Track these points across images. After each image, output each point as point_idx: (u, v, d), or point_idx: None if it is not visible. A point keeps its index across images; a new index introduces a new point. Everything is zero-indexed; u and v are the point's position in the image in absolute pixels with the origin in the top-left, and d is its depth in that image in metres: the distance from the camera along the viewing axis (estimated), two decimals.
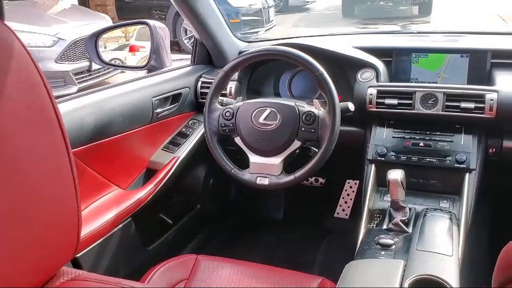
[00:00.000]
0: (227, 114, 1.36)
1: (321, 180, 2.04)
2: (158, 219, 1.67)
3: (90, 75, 4.85)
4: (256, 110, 1.33)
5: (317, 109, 1.31)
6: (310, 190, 2.08)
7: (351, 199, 2.09)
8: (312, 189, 2.07)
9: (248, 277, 1.20)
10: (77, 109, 1.24)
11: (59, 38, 4.53)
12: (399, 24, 8.68)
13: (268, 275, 1.20)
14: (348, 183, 2.10)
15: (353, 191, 2.08)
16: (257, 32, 7.40)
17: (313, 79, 1.30)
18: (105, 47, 1.74)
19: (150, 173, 1.54)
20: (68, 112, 1.21)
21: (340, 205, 2.11)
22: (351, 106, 1.35)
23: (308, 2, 11.69)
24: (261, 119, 1.32)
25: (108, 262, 1.33)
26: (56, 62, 4.50)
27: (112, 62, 1.77)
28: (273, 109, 1.32)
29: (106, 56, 1.73)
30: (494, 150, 1.41)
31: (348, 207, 2.08)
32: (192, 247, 1.85)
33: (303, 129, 1.29)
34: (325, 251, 1.90)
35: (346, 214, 2.09)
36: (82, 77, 4.75)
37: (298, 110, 1.30)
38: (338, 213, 2.12)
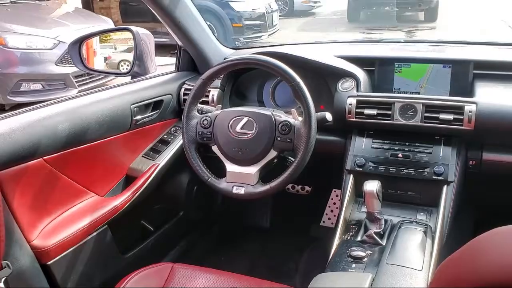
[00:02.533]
0: (205, 122, 1.35)
1: (307, 188, 2.03)
2: (138, 226, 1.65)
3: (91, 77, 4.86)
4: (233, 119, 1.32)
5: (294, 119, 1.29)
6: (296, 198, 2.06)
7: (337, 208, 2.07)
8: (299, 198, 2.06)
9: (222, 287, 1.19)
10: (50, 116, 1.24)
11: (60, 41, 4.54)
12: (404, 30, 8.66)
13: (242, 285, 1.20)
14: (334, 191, 2.08)
15: (339, 200, 2.06)
16: (260, 36, 7.39)
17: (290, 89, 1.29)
18: (115, 48, 1.74)
19: (129, 180, 1.52)
20: (41, 119, 1.21)
21: (326, 214, 2.10)
22: (328, 116, 1.33)
23: (314, 6, 11.69)
24: (237, 128, 1.31)
25: (82, 270, 1.32)
26: (57, 65, 4.52)
27: (121, 64, 1.77)
28: (250, 118, 1.31)
29: (116, 57, 1.73)
30: (474, 162, 1.39)
31: (334, 215, 2.07)
32: (173, 255, 1.84)
33: (279, 138, 1.28)
34: (308, 260, 1.88)
35: (332, 223, 2.07)
36: (83, 80, 4.77)
37: (275, 119, 1.29)
38: (324, 222, 2.10)
